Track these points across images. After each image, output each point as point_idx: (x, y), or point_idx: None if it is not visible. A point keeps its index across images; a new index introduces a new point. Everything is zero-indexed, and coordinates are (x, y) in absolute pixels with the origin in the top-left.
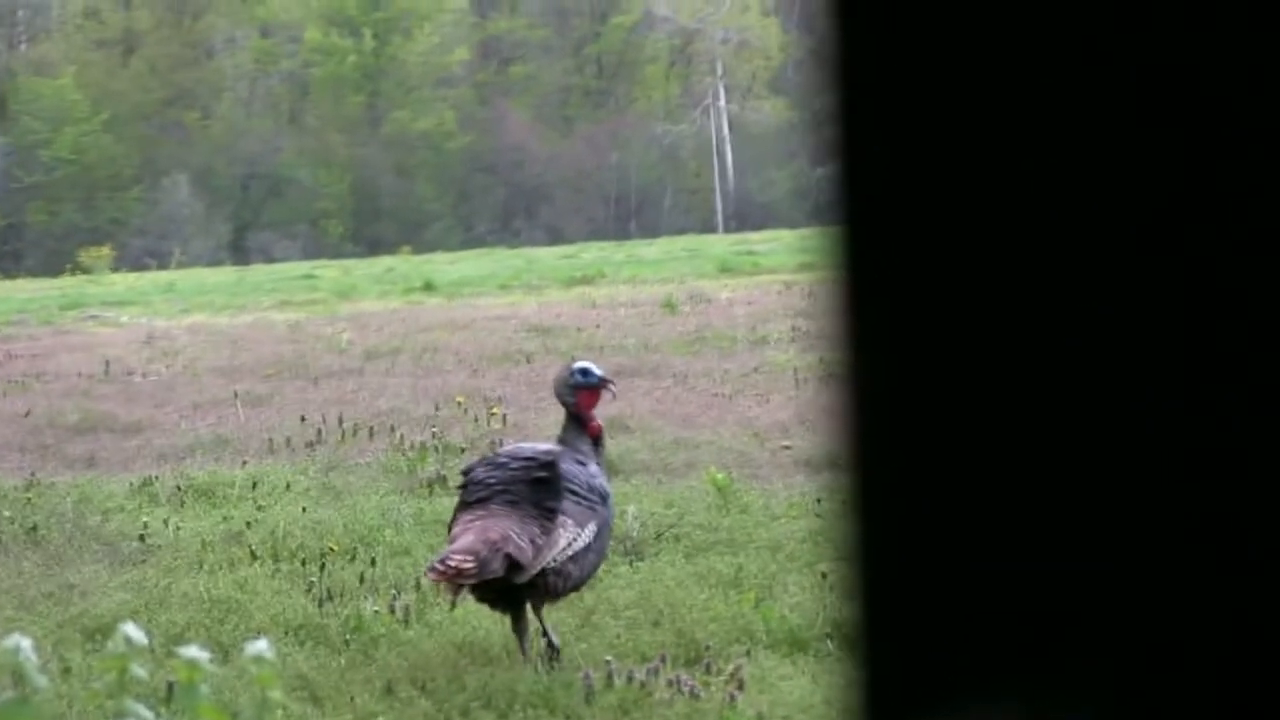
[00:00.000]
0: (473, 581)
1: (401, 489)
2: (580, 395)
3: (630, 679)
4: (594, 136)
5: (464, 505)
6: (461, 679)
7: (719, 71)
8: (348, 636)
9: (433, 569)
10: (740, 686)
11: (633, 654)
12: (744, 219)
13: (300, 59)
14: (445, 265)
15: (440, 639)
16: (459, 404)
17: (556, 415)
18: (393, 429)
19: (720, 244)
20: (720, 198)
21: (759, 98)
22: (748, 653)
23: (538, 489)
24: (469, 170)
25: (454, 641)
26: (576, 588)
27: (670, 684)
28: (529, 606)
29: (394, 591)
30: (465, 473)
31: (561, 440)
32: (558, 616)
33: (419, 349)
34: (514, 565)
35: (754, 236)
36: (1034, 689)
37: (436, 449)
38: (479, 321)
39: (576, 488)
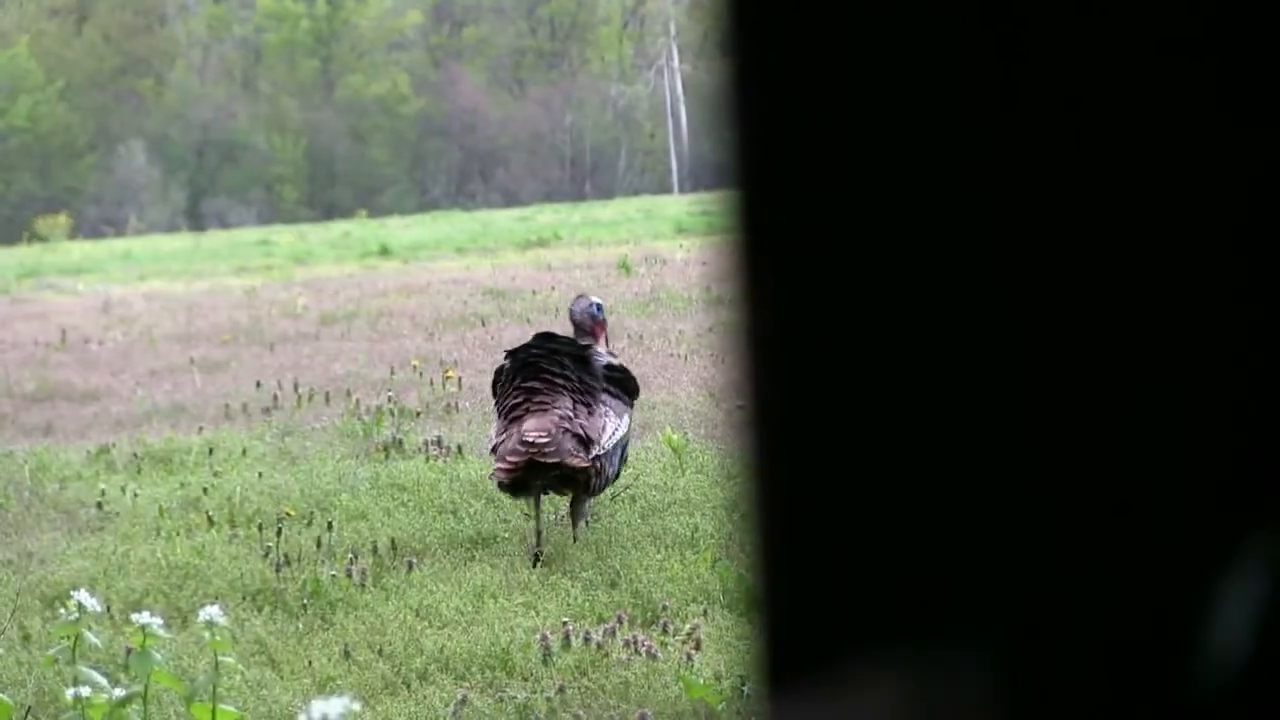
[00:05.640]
0: (553, 460)
1: (358, 453)
2: (595, 325)
3: (587, 640)
4: (548, 99)
5: (512, 375)
6: (419, 642)
7: (672, 32)
8: (305, 601)
9: (512, 451)
10: (698, 646)
11: (589, 615)
12: (700, 179)
13: (253, 24)
14: (400, 229)
15: (397, 603)
16: (414, 368)
17: None
18: (348, 393)
19: (676, 205)
20: (675, 158)
21: (712, 58)
22: (705, 612)
23: (580, 367)
24: (423, 134)
25: (411, 606)
26: (606, 487)
27: (627, 644)
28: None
29: (351, 556)
30: (510, 354)
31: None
32: (516, 576)
33: (374, 313)
34: (583, 442)
35: (710, 197)
36: (917, 652)
37: (392, 413)
38: (434, 285)
39: (614, 377)
